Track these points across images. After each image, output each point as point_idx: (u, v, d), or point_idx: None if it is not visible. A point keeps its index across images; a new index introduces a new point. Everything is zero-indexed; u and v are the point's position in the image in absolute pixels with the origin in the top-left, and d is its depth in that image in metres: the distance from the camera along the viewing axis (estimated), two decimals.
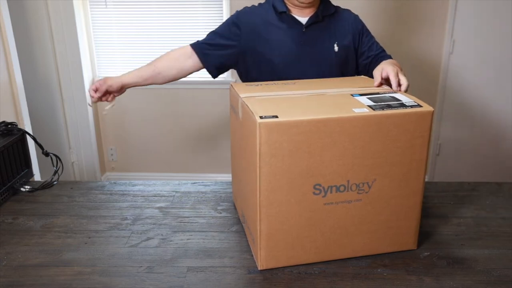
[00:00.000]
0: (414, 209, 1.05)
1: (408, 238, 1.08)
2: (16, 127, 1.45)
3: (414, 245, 1.09)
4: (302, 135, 0.92)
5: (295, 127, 0.91)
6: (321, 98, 1.07)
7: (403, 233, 1.07)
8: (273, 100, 1.04)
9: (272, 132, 0.91)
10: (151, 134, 3.41)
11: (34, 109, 2.76)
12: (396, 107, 0.98)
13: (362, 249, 1.06)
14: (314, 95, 1.09)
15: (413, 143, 0.99)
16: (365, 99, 1.04)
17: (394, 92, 1.10)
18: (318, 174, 0.96)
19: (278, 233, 0.99)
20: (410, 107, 0.98)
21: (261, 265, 1.02)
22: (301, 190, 0.96)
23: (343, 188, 0.98)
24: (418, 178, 1.03)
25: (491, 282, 0.97)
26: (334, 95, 1.09)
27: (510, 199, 1.34)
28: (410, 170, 1.01)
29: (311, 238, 1.01)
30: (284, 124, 0.91)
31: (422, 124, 0.98)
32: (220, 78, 3.42)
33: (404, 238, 1.08)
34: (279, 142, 0.91)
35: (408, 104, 1.00)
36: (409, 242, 1.09)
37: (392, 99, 1.04)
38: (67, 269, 1.02)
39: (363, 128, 0.95)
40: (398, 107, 0.98)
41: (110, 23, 3.19)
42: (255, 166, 0.94)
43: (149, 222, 1.22)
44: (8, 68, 2.13)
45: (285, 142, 0.92)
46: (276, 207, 0.96)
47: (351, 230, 1.03)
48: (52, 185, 1.43)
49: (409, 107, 0.98)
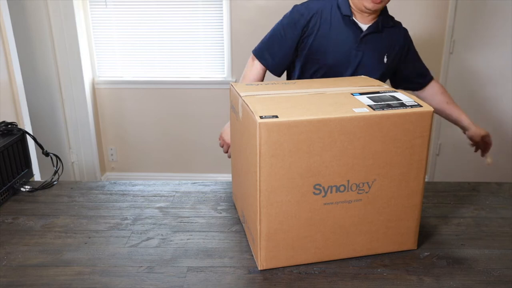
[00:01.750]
0: (414, 209, 1.05)
1: (408, 238, 1.08)
2: (16, 127, 1.45)
3: (414, 245, 1.09)
4: (302, 135, 0.92)
5: (295, 127, 0.91)
6: (321, 97, 1.07)
7: (403, 233, 1.07)
8: (273, 99, 1.04)
9: (272, 132, 0.90)
10: (151, 134, 3.41)
11: (34, 109, 2.77)
12: (396, 107, 0.98)
13: (362, 249, 1.06)
14: (314, 94, 1.09)
15: (413, 143, 0.99)
16: (365, 98, 1.04)
17: (394, 91, 1.10)
18: (318, 174, 0.96)
19: (278, 233, 0.99)
20: (410, 107, 0.98)
21: (261, 265, 1.02)
22: (301, 190, 0.96)
23: (343, 188, 0.98)
24: (418, 178, 1.02)
25: (491, 282, 0.97)
26: (334, 94, 1.09)
27: (510, 199, 1.34)
28: (410, 170, 1.01)
29: (311, 238, 1.01)
30: (284, 124, 0.91)
31: (422, 124, 0.97)
32: (220, 78, 3.44)
33: (404, 238, 1.08)
34: (280, 142, 0.91)
35: (408, 104, 0.99)
36: (409, 242, 1.08)
37: (392, 99, 1.03)
38: (67, 269, 1.02)
39: (363, 128, 0.94)
40: (398, 106, 0.98)
41: (110, 23, 3.19)
42: (255, 166, 0.94)
43: (149, 222, 1.22)
44: (8, 68, 2.13)
45: (285, 142, 0.92)
46: (276, 207, 0.96)
47: (351, 230, 1.03)
48: (52, 185, 1.43)
49: (409, 107, 0.98)
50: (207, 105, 3.31)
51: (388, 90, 1.11)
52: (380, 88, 1.15)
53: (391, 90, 1.11)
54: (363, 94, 1.07)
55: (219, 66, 3.29)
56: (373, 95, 1.06)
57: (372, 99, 1.03)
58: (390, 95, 1.06)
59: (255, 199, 0.97)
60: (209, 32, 3.21)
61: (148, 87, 3.31)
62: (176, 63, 3.28)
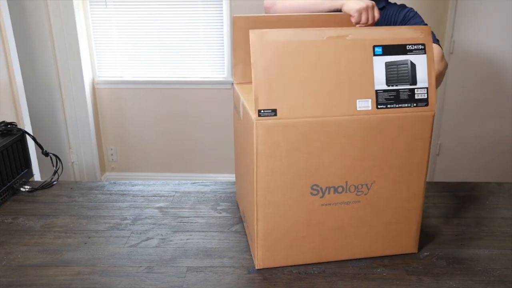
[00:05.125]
0: (414, 212, 1.03)
1: (408, 241, 1.06)
2: (16, 127, 1.45)
3: (415, 249, 1.07)
4: (300, 135, 0.91)
5: (294, 127, 0.90)
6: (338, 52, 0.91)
7: (403, 236, 1.05)
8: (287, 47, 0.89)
9: (270, 131, 0.90)
10: (151, 134, 3.41)
11: (34, 109, 2.77)
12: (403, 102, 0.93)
13: (360, 251, 1.05)
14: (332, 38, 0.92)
15: (413, 146, 0.97)
16: (382, 66, 0.92)
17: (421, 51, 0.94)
18: (316, 174, 0.95)
19: (275, 233, 0.99)
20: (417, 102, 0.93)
21: (258, 264, 1.01)
22: (299, 190, 0.95)
23: (341, 189, 0.97)
24: (419, 181, 1.00)
25: (491, 282, 0.97)
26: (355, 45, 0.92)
27: (510, 199, 1.34)
28: (411, 173, 0.99)
29: (308, 238, 1.01)
30: (282, 124, 0.89)
31: (423, 126, 0.96)
32: (220, 78, 3.43)
33: (404, 241, 1.06)
34: (277, 142, 0.91)
35: (418, 97, 0.94)
36: (410, 245, 1.07)
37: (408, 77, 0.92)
38: (67, 269, 1.02)
39: (362, 130, 0.93)
40: (405, 101, 0.93)
41: (110, 23, 3.19)
42: (253, 165, 0.94)
43: (149, 222, 1.22)
44: (8, 68, 2.13)
45: (283, 142, 0.91)
46: (273, 207, 0.96)
47: (350, 231, 1.02)
48: (52, 185, 1.43)
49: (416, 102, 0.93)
50: (207, 105, 3.30)
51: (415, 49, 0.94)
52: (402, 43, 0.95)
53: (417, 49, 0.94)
54: (385, 54, 0.93)
55: (219, 66, 3.29)
56: (393, 59, 0.93)
57: (388, 71, 0.92)
58: (411, 62, 0.93)
59: (252, 198, 0.97)
60: (209, 32, 3.21)
61: (148, 87, 3.31)
62: (176, 63, 3.28)
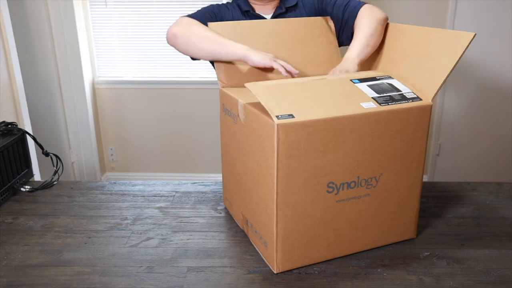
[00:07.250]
0: (414, 199, 1.10)
1: (409, 228, 1.12)
2: (16, 127, 1.45)
3: (414, 234, 1.13)
4: (317, 134, 0.93)
5: (311, 127, 0.92)
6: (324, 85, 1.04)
7: (405, 224, 1.11)
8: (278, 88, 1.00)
9: (290, 132, 0.90)
10: (151, 134, 3.41)
11: (34, 109, 2.76)
12: (399, 100, 1.00)
13: (369, 242, 1.08)
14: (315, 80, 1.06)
15: (414, 136, 1.03)
16: (366, 87, 1.04)
17: (389, 78, 1.10)
18: (331, 172, 0.97)
19: (293, 234, 0.99)
20: (412, 100, 1.01)
21: (277, 268, 1.01)
22: (316, 189, 0.97)
23: (354, 184, 1.00)
24: (418, 170, 1.07)
25: (491, 282, 0.97)
26: (335, 81, 1.06)
27: (510, 199, 1.34)
28: (412, 163, 1.05)
29: (324, 236, 1.02)
30: (300, 124, 0.91)
31: (422, 117, 1.02)
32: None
33: (406, 228, 1.12)
34: (296, 142, 0.92)
35: (408, 96, 1.02)
36: (410, 231, 1.13)
37: (391, 89, 1.05)
38: (67, 269, 1.02)
39: (372, 124, 0.97)
40: (400, 100, 1.00)
41: (110, 23, 3.19)
42: (271, 168, 0.93)
43: (149, 222, 1.22)
44: (8, 68, 2.13)
45: (302, 142, 0.92)
46: (292, 208, 0.97)
47: (360, 224, 1.05)
48: (52, 185, 1.43)
49: (410, 100, 1.01)
50: (207, 105, 3.30)
51: (384, 76, 1.11)
52: (373, 73, 1.13)
53: (386, 76, 1.11)
54: (362, 81, 1.07)
55: None
56: (372, 82, 1.06)
57: (373, 88, 1.04)
58: (387, 83, 1.07)
59: (270, 202, 0.97)
60: None
61: (148, 87, 3.31)
62: (176, 63, 3.28)
